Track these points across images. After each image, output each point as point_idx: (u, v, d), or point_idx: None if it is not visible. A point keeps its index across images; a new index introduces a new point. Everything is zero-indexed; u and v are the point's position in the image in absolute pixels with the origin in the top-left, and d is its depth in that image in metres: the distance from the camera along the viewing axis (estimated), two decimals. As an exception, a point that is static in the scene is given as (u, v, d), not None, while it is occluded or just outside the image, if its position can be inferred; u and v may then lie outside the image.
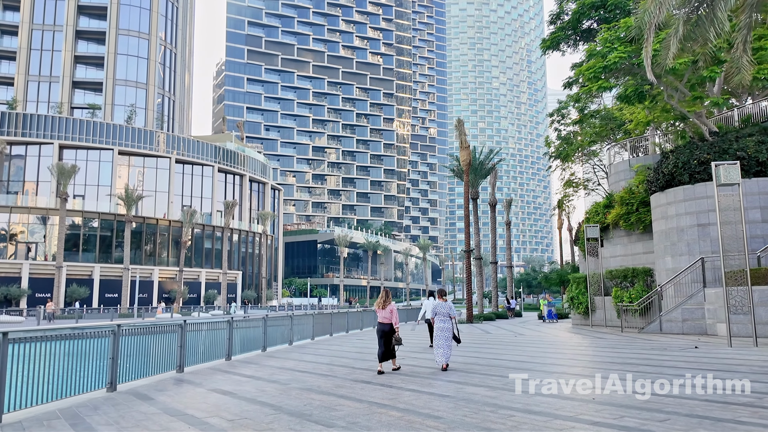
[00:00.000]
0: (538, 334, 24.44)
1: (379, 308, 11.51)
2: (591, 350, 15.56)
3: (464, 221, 34.70)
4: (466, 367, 11.88)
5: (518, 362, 12.79)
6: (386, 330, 11.28)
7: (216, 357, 13.60)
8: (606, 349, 15.87)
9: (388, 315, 11.39)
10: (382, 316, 11.43)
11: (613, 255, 28.47)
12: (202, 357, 12.78)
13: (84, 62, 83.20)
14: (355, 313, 28.22)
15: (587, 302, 28.13)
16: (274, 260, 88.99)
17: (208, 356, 13.11)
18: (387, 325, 11.32)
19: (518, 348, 17.20)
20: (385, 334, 11.26)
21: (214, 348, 13.57)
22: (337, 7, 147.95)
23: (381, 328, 11.35)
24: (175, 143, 74.05)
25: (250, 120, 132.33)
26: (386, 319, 11.36)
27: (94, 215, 65.58)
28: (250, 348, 15.82)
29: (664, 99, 22.70)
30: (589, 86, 22.11)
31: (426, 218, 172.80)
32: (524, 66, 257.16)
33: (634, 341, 18.01)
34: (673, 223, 22.63)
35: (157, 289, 66.99)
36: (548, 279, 56.42)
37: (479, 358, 13.63)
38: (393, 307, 11.52)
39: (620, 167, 31.31)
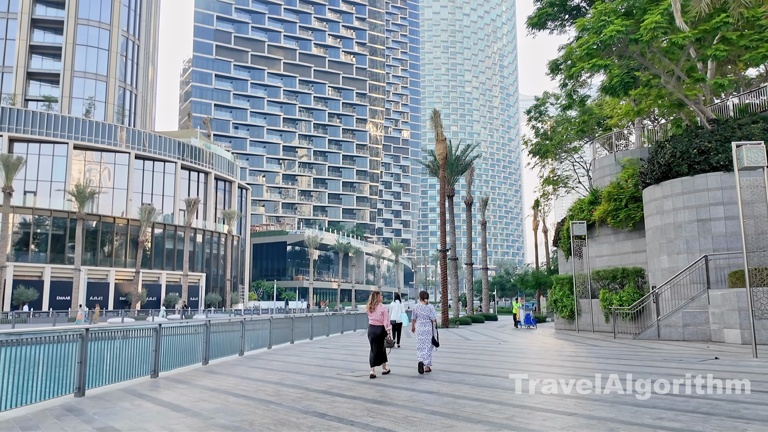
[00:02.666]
0: (522, 340, 22.17)
1: (370, 311, 11.17)
2: (593, 362, 13.29)
3: (440, 219, 32.42)
4: (451, 388, 9.43)
5: (509, 377, 10.41)
6: (378, 333, 10.98)
7: (137, 374, 10.89)
8: (610, 360, 13.60)
9: (379, 317, 11.07)
10: (373, 319, 11.10)
11: (599, 255, 26.48)
12: (113, 375, 10.03)
13: (40, 52, 78.79)
14: (320, 318, 25.58)
15: (572, 305, 26.05)
16: (240, 262, 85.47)
17: (123, 373, 10.38)
18: (378, 328, 11.01)
19: (506, 357, 14.86)
20: (377, 337, 10.96)
21: (134, 362, 10.85)
22: (310, 5, 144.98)
23: (372, 330, 11.03)
24: (135, 138, 70.23)
25: (218, 117, 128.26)
26: (377, 322, 11.04)
27: (46, 212, 61.39)
28: (188, 360, 13.13)
29: (660, 83, 20.71)
30: (580, 66, 19.97)
31: (399, 221, 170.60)
32: (496, 71, 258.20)
33: (636, 350, 15.82)
34: (669, 218, 20.63)
35: (114, 291, 63.06)
36: (524, 281, 54.56)
37: (466, 374, 11.20)
38: (384, 309, 11.23)
39: (605, 162, 29.45)
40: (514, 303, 31.39)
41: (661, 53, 20.75)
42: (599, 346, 17.43)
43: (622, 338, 20.42)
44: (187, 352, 13.14)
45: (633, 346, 16.93)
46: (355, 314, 32.05)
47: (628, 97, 29.15)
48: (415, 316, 11.51)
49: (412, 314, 11.85)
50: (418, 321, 11.42)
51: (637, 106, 25.16)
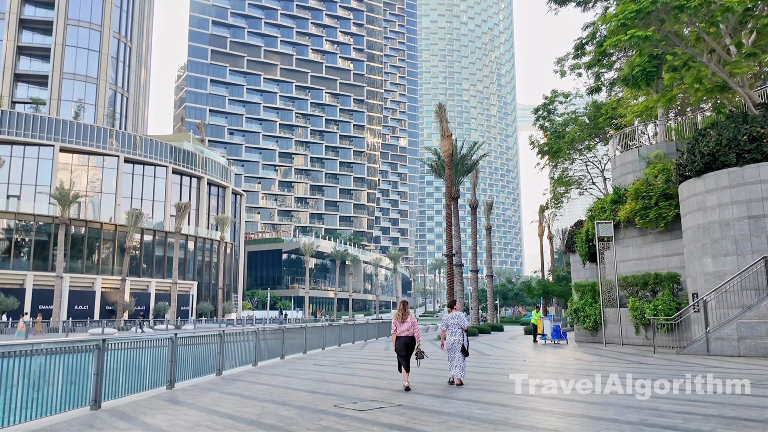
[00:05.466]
0: (550, 358, 19.48)
1: (399, 321, 10.73)
2: (689, 405, 10.60)
3: (446, 220, 29.84)
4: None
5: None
6: (408, 343, 10.65)
7: (75, 403, 8.25)
8: (723, 404, 10.89)
9: (410, 327, 10.71)
10: (404, 329, 10.71)
11: (624, 259, 23.89)
12: (29, 409, 7.36)
13: (28, 54, 76.35)
14: (316, 329, 22.90)
15: (596, 315, 23.42)
16: (234, 270, 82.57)
17: (51, 405, 7.71)
18: (409, 338, 10.68)
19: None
20: (408, 347, 10.62)
21: (70, 389, 8.22)
22: (307, 10, 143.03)
23: (403, 341, 10.66)
24: (125, 141, 67.59)
25: (213, 123, 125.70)
26: (408, 332, 10.69)
27: (30, 217, 58.57)
28: (150, 384, 10.47)
29: (703, 60, 18.21)
30: (615, 39, 17.45)
31: (396, 229, 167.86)
32: (494, 79, 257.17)
33: (705, 368, 13.20)
34: (714, 215, 18.08)
35: (100, 300, 60.10)
36: (531, 290, 51.99)
37: (507, 407, 8.56)
38: (414, 319, 10.79)
39: (626, 158, 26.98)
40: (534, 313, 27.09)
41: (702, 29, 18.33)
42: (646, 365, 14.76)
43: (663, 353, 17.79)
44: (146, 374, 10.48)
45: (697, 366, 14.28)
46: (353, 325, 29.36)
47: (651, 88, 26.80)
48: (446, 326, 11.02)
49: (441, 324, 11.29)
50: (448, 331, 10.95)
51: (666, 94, 22.69)
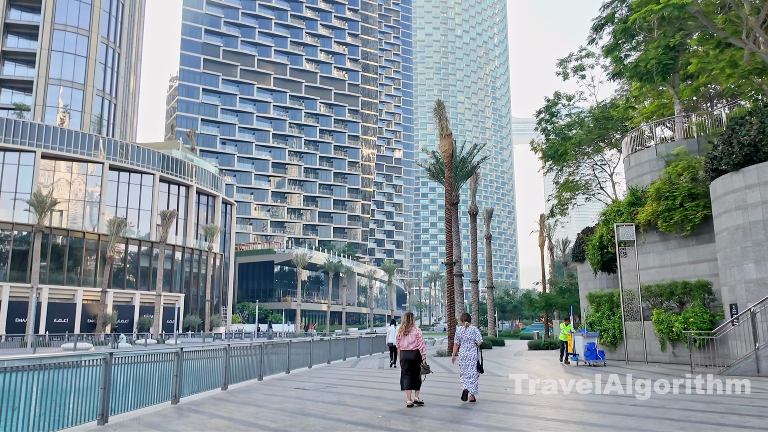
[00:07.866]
0: (582, 382, 17.04)
1: (403, 334, 10.27)
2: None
3: (446, 226, 27.53)
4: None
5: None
6: (412, 358, 10.07)
7: None
8: None
9: (413, 341, 10.16)
10: (407, 344, 10.16)
11: (643, 266, 21.61)
12: None
13: (13, 59, 74.15)
14: (302, 345, 20.39)
15: (614, 329, 21.06)
16: (223, 282, 79.83)
17: None
18: (412, 353, 10.10)
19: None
20: (411, 363, 10.05)
21: None
22: (302, 20, 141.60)
23: (405, 356, 10.11)
24: (110, 148, 65.14)
25: (205, 132, 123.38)
26: (412, 346, 10.13)
27: (8, 226, 55.89)
28: (76, 418, 8.04)
29: (743, 39, 16.08)
30: (647, 9, 15.27)
31: (391, 241, 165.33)
32: (489, 92, 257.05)
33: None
34: (756, 214, 15.84)
35: (81, 313, 57.29)
36: (532, 302, 49.53)
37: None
38: (418, 332, 10.30)
39: (642, 157, 24.83)
40: (563, 326, 21.30)
41: (737, 5, 16.24)
42: (729, 395, 12.39)
43: (702, 372, 15.41)
44: (76, 401, 8.04)
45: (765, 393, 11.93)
46: (345, 339, 26.89)
47: (666, 83, 24.76)
48: (459, 341, 10.64)
49: (455, 338, 10.85)
50: (462, 345, 10.59)
51: (691, 84, 20.59)
